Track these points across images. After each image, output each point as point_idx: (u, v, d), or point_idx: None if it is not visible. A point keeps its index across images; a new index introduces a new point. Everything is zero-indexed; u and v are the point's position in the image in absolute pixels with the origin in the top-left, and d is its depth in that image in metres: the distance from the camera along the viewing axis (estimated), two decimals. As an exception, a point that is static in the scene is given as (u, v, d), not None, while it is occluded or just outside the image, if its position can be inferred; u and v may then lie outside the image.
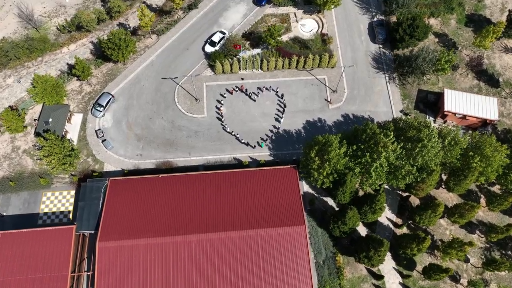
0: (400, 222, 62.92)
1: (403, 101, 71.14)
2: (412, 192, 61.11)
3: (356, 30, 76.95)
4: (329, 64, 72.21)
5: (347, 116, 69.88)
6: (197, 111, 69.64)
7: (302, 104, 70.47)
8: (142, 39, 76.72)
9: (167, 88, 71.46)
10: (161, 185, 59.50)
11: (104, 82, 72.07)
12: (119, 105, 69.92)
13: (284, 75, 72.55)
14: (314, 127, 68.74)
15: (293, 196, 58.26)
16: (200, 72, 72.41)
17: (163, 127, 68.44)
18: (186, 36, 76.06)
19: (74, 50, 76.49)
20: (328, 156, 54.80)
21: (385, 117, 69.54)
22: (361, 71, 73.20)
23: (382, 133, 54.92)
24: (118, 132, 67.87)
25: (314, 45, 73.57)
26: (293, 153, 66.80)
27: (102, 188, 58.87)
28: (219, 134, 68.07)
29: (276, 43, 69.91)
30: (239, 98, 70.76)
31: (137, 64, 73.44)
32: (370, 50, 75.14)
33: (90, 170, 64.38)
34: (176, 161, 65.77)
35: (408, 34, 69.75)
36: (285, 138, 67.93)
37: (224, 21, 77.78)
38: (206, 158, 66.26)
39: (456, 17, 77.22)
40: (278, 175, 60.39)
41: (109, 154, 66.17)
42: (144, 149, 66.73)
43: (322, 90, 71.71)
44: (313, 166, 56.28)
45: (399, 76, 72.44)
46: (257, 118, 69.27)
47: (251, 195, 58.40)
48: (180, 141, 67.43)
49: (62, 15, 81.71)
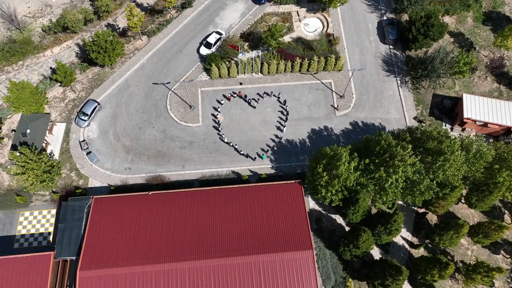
0: (417, 242, 56.92)
1: (417, 107, 65.11)
2: (430, 209, 55.12)
3: (364, 30, 70.91)
4: (336, 67, 66.17)
5: (355, 124, 63.83)
6: (191, 119, 63.54)
7: (306, 111, 64.41)
8: (132, 41, 70.66)
9: (159, 94, 65.35)
10: (151, 204, 53.35)
11: (90, 88, 65.92)
12: (106, 114, 63.77)
13: (286, 79, 66.47)
14: (319, 137, 62.68)
15: (298, 216, 52.16)
16: (195, 77, 66.29)
17: (154, 137, 62.33)
18: (180, 37, 69.97)
19: (58, 53, 70.56)
20: (337, 172, 48.73)
21: (397, 124, 63.58)
22: (370, 74, 67.16)
23: (399, 145, 48.83)
24: (104, 143, 61.73)
25: (318, 46, 67.50)
26: (297, 165, 60.73)
27: (85, 208, 52.73)
28: (216, 145, 61.98)
29: (277, 44, 63.82)
30: (238, 105, 64.68)
31: (126, 68, 67.32)
32: (380, 51, 69.12)
33: (73, 186, 58.21)
34: (168, 175, 59.65)
35: (422, 34, 63.70)
36: (288, 149, 61.86)
37: (220, 20, 71.68)
38: (201, 171, 60.17)
39: (472, 14, 71.18)
40: (282, 191, 54.29)
41: (95, 168, 60.03)
42: (133, 162, 60.61)
43: (328, 95, 65.65)
44: (320, 182, 50.19)
45: (412, 80, 66.43)
46: (257, 126, 63.20)
47: (251, 214, 52.31)
48: (172, 153, 61.33)
49: (48, 15, 75.85)
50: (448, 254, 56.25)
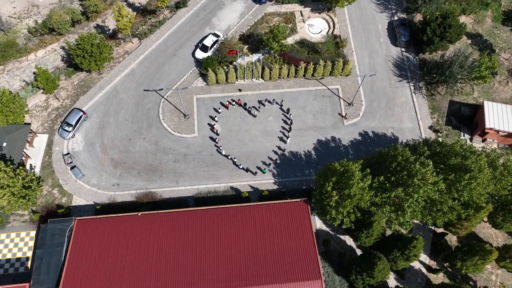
0: (435, 266, 51.47)
1: (432, 115, 59.63)
2: (451, 229, 49.78)
3: (374, 31, 65.42)
4: (343, 71, 60.71)
5: (365, 134, 58.35)
6: (186, 129, 58.02)
7: (311, 120, 58.92)
8: (122, 44, 65.13)
9: (150, 102, 59.82)
10: (141, 226, 47.79)
11: (75, 96, 60.36)
12: (92, 124, 58.23)
13: (289, 85, 60.98)
14: (326, 148, 57.20)
15: (305, 240, 46.67)
16: (190, 83, 60.76)
17: (145, 149, 56.80)
18: (173, 40, 64.45)
19: (42, 57, 65.08)
20: (349, 191, 43.25)
21: (411, 134, 58.15)
22: (381, 79, 61.69)
23: (419, 162, 43.33)
24: (90, 156, 56.20)
25: (324, 49, 61.99)
26: (302, 181, 55.25)
27: (66, 231, 47.19)
28: (213, 157, 56.46)
29: (280, 47, 58.32)
30: (237, 113, 59.18)
31: (115, 73, 61.76)
32: (391, 54, 63.64)
33: (55, 205, 52.67)
34: (160, 191, 54.12)
35: (438, 35, 58.22)
36: (292, 162, 56.36)
37: (218, 21, 66.16)
38: (197, 187, 54.63)
39: (491, 14, 65.75)
40: (286, 211, 48.79)
41: (79, 184, 54.48)
42: (122, 178, 55.07)
43: (335, 102, 60.17)
44: (329, 203, 44.72)
45: (427, 85, 60.95)
46: (258, 137, 57.70)
47: (252, 238, 46.81)
48: (165, 167, 55.81)
49: (34, 16, 70.41)
50: (470, 279, 50.83)
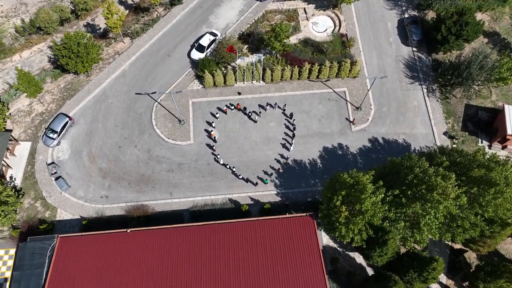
0: (453, 286, 47.06)
1: (447, 120, 55.23)
2: (471, 247, 45.37)
3: (383, 30, 61.00)
4: (351, 73, 56.31)
5: (375, 140, 53.93)
6: (181, 136, 53.59)
7: (317, 125, 54.51)
8: (113, 44, 60.70)
9: (142, 106, 55.39)
10: (130, 245, 43.31)
11: (61, 100, 55.90)
12: (79, 130, 53.78)
13: (292, 88, 56.57)
14: (333, 156, 52.78)
15: (310, 258, 42.23)
16: (185, 86, 56.34)
17: (136, 158, 52.37)
18: (168, 39, 60.00)
19: (28, 58, 60.76)
20: (360, 206, 38.82)
21: (424, 141, 53.75)
22: (392, 81, 57.26)
23: (439, 174, 38.87)
24: (77, 166, 51.75)
25: (330, 49, 57.55)
26: (307, 192, 50.83)
27: (48, 251, 42.71)
28: (210, 167, 52.04)
29: (282, 46, 53.89)
30: (236, 118, 54.76)
31: (105, 75, 57.31)
32: (402, 54, 59.21)
33: (38, 220, 48.17)
34: (153, 204, 49.68)
35: (453, 34, 53.82)
36: (296, 172, 51.93)
37: (215, 19, 61.72)
38: (193, 199, 50.22)
39: (509, 11, 61.38)
40: (290, 227, 44.33)
41: (64, 196, 50.06)
42: (111, 189, 50.64)
43: (342, 106, 55.75)
44: (338, 219, 40.30)
45: (441, 88, 56.55)
46: (259, 145, 53.28)
47: (253, 257, 42.37)
48: (158, 177, 51.38)
49: (22, 14, 66.08)
50: (491, 300, 46.39)
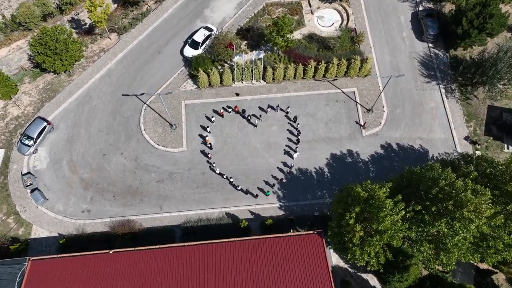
0: (479, 310, 41.71)
1: (468, 123, 49.80)
2: (502, 269, 40.06)
3: (395, 24, 55.55)
4: (361, 71, 50.89)
5: (388, 146, 48.50)
6: (172, 142, 48.12)
7: (323, 129, 49.07)
8: (98, 40, 55.26)
9: (130, 109, 49.92)
10: (113, 268, 37.84)
11: (40, 102, 50.43)
12: (59, 136, 48.30)
13: (296, 89, 51.11)
14: (342, 164, 47.35)
15: (319, 282, 36.79)
16: (178, 86, 50.91)
17: (122, 167, 46.90)
18: (158, 35, 54.53)
19: (5, 56, 55.79)
20: (378, 225, 33.38)
21: (443, 147, 48.35)
22: (406, 80, 51.80)
23: (469, 188, 33.39)
24: (56, 176, 46.27)
25: (337, 45, 52.09)
26: (313, 205, 45.40)
27: (17, 276, 37.20)
28: (205, 176, 46.59)
29: (285, 42, 48.43)
30: (234, 122, 49.32)
31: (88, 75, 51.82)
32: (416, 50, 53.78)
33: (10, 239, 42.72)
34: (140, 219, 44.26)
35: (476, 27, 48.39)
36: (301, 182, 46.49)
37: (211, 13, 56.23)
38: (185, 214, 44.79)
39: (534, 3, 56.04)
40: (295, 246, 38.88)
41: (41, 211, 44.62)
42: (93, 202, 45.18)
43: (351, 109, 50.32)
44: (352, 239, 34.87)
45: (460, 88, 51.16)
46: (260, 151, 47.83)
47: (253, 281, 36.93)
48: (147, 188, 45.93)
49: (5, 10, 61.09)
50: (523, 328, 41.05)
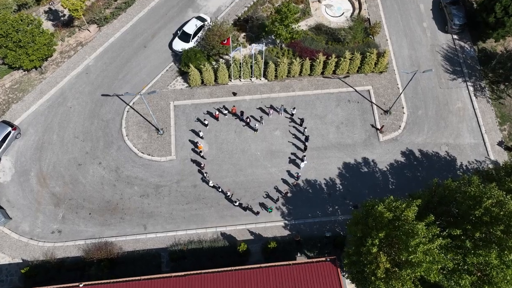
0: None
1: (501, 126, 43.19)
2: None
3: (414, 13, 48.90)
4: (376, 67, 44.23)
5: (410, 154, 41.83)
6: (159, 150, 41.39)
7: (334, 134, 42.39)
8: (76, 32, 48.56)
9: (111, 111, 43.16)
10: (82, 305, 31.19)
11: (6, 104, 43.63)
12: (27, 143, 41.52)
13: (302, 87, 44.40)
14: (357, 175, 40.68)
15: (335, 326, 30.13)
16: (166, 85, 44.21)
17: (100, 179, 40.14)
18: (144, 26, 47.80)
19: (-28, 52, 48.54)
20: (408, 256, 26.73)
21: (473, 154, 41.72)
22: (428, 77, 45.15)
23: (525, 211, 26.77)
24: (22, 190, 39.50)
25: (349, 37, 45.44)
26: (324, 223, 38.72)
27: (-35, 317, 30.54)
28: (197, 190, 39.87)
29: (290, 33, 41.71)
30: (230, 126, 42.60)
31: (63, 72, 45.04)
32: (439, 43, 47.15)
33: (-36, 266, 36.09)
34: (120, 242, 37.53)
35: (510, 15, 41.81)
36: (309, 196, 39.80)
37: (204, 1, 49.49)
38: (173, 234, 38.08)
39: None
40: (305, 277, 32.22)
41: (3, 232, 37.88)
42: (66, 221, 38.44)
43: (366, 110, 43.65)
44: (375, 271, 28.22)
45: (491, 85, 44.59)
46: (261, 160, 41.12)
47: (254, 322, 30.28)
48: (129, 204, 39.19)
49: (-21, 3, 53.72)
50: None
